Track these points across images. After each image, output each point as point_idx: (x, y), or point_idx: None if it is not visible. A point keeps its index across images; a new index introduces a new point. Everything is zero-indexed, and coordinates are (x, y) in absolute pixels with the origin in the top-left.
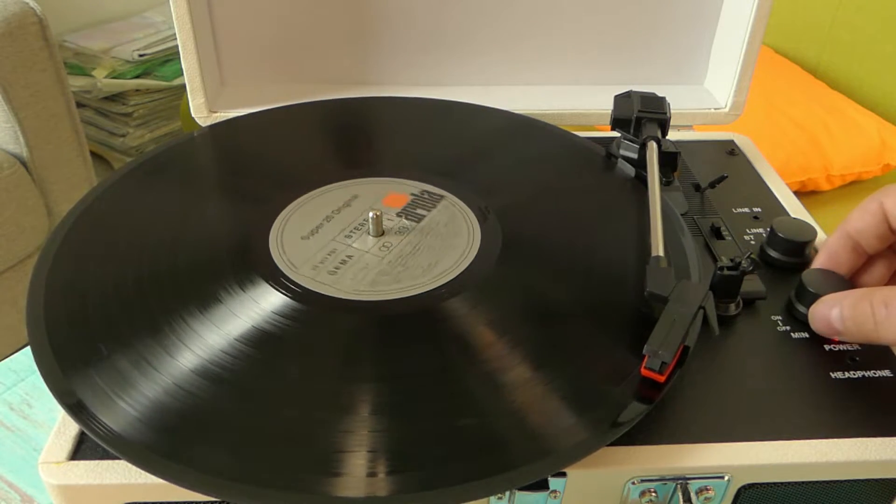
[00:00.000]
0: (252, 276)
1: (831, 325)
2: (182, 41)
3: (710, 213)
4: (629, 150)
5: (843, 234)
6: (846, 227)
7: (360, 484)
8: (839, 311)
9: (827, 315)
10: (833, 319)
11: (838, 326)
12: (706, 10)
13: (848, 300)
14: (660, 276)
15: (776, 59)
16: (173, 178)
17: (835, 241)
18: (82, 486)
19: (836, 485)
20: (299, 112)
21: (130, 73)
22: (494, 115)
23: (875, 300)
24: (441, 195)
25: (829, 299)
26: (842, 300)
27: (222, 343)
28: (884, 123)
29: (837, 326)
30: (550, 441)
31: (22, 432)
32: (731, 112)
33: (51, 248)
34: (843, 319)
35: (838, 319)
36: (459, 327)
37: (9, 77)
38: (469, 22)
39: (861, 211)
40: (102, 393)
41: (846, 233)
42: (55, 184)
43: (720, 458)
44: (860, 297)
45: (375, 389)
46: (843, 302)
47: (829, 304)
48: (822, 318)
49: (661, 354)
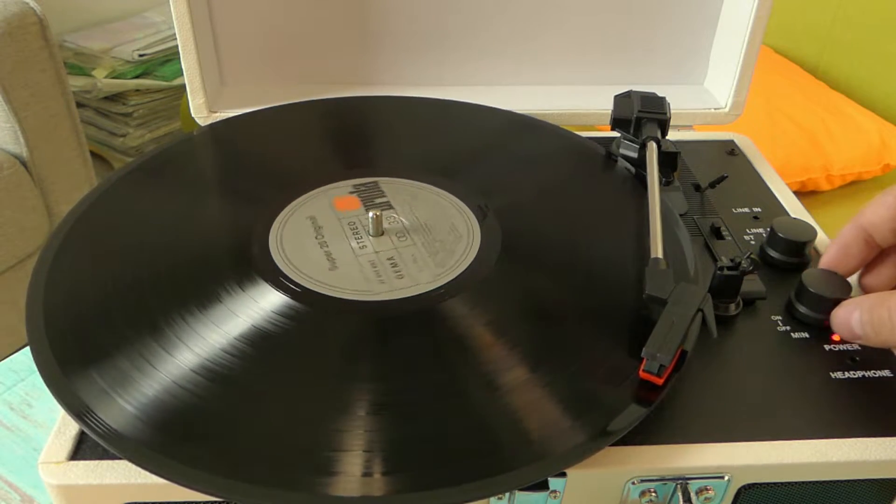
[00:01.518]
0: (252, 275)
1: (853, 330)
2: (182, 41)
3: (710, 214)
4: (629, 150)
5: (857, 227)
6: (860, 219)
7: (360, 484)
8: (858, 316)
9: (848, 319)
10: (854, 324)
11: (858, 331)
12: (706, 10)
13: (865, 304)
14: (659, 279)
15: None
16: (173, 177)
17: (848, 233)
18: (82, 486)
19: (835, 485)
20: (299, 111)
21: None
22: (494, 114)
23: (892, 304)
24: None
25: (850, 303)
26: (860, 304)
27: (222, 342)
28: (884, 123)
29: (857, 331)
30: (550, 442)
31: (22, 432)
32: (731, 112)
33: (51, 248)
34: (861, 324)
35: (858, 324)
36: (459, 327)
37: (9, 77)
38: (469, 22)
39: (876, 204)
40: (102, 392)
41: (860, 225)
42: (55, 184)
43: (720, 458)
44: (877, 303)
45: (375, 389)
46: (861, 306)
47: (850, 308)
48: (844, 322)
49: (659, 357)
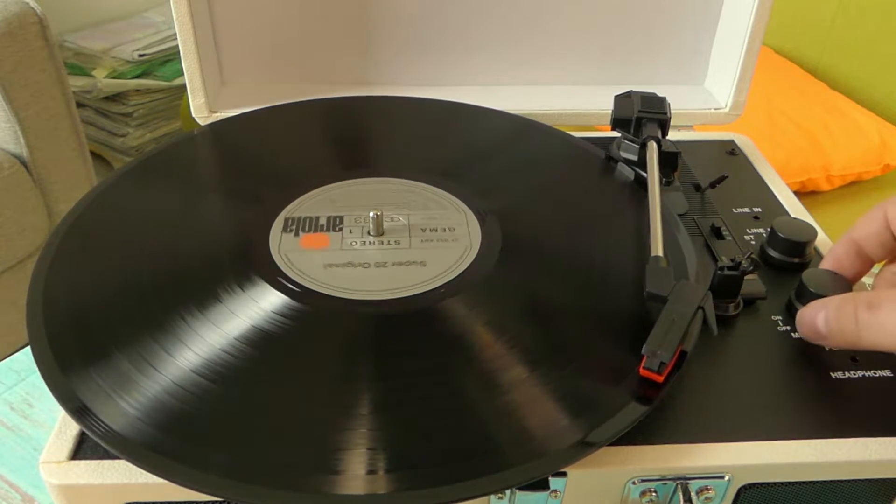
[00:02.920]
0: (252, 275)
1: (817, 329)
2: (182, 41)
3: (711, 213)
4: (629, 151)
5: (849, 240)
6: (852, 233)
7: (361, 482)
8: (824, 315)
9: (813, 319)
10: (819, 324)
11: (823, 331)
12: (706, 10)
13: (833, 303)
14: (659, 277)
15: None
16: (173, 177)
17: (840, 247)
18: (83, 486)
19: (836, 485)
20: (299, 111)
21: (130, 73)
22: (495, 116)
23: (859, 301)
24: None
25: (817, 303)
26: (828, 304)
27: (222, 342)
28: (884, 123)
29: (822, 331)
30: (550, 440)
31: (22, 432)
32: (731, 112)
33: (51, 248)
34: (827, 322)
35: (823, 323)
36: (459, 327)
37: (9, 77)
38: (469, 22)
39: (866, 218)
40: (102, 392)
41: (851, 238)
42: (55, 184)
43: (720, 458)
44: (845, 300)
45: (375, 388)
46: (828, 305)
47: (816, 308)
48: (809, 322)
49: (659, 354)
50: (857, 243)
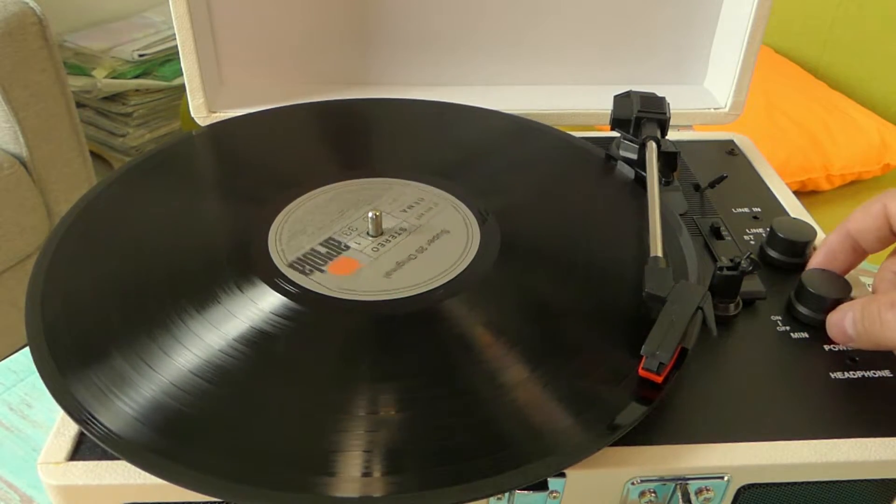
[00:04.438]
0: (250, 276)
1: (845, 331)
2: (182, 41)
3: (710, 214)
4: (629, 151)
5: (844, 233)
6: (847, 225)
7: (358, 484)
8: (851, 317)
9: (841, 321)
10: (847, 325)
11: (851, 332)
12: (706, 10)
13: (857, 305)
14: (658, 277)
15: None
16: (172, 177)
17: (834, 240)
18: (81, 487)
19: (836, 485)
20: (298, 112)
21: (130, 73)
22: (494, 116)
23: (882, 303)
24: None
25: (844, 306)
26: (853, 306)
27: (221, 343)
28: (884, 123)
29: (850, 332)
30: (549, 441)
31: (21, 432)
32: (730, 112)
33: (49, 248)
34: (854, 323)
35: (851, 324)
36: (458, 327)
37: (9, 77)
38: (468, 22)
39: (863, 212)
40: (101, 393)
41: (847, 232)
42: (55, 184)
43: (720, 459)
44: (869, 302)
45: (373, 389)
46: (854, 308)
47: (843, 311)
48: (837, 324)
49: (658, 355)
50: (853, 237)
